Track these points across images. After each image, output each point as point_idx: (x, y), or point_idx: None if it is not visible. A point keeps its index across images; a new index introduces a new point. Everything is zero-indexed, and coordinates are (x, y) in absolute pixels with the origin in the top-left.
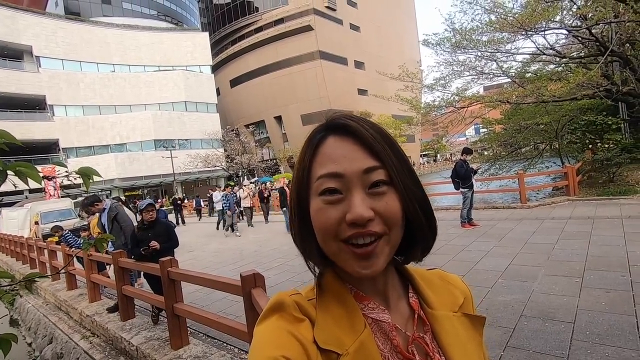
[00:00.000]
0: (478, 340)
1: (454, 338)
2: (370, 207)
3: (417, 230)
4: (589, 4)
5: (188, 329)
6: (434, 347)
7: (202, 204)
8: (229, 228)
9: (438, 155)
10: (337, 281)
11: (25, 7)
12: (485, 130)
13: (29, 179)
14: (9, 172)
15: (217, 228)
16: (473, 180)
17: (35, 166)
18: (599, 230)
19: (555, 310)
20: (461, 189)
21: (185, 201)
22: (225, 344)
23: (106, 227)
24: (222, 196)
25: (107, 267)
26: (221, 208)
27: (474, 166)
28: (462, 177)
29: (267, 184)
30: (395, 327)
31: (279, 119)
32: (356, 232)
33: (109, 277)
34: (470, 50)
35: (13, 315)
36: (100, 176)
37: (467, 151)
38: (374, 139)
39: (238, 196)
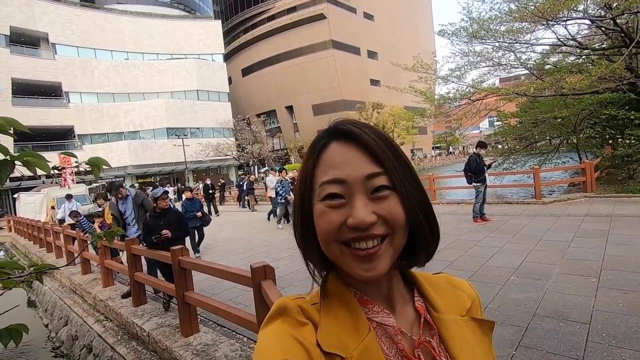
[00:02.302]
0: (487, 345)
1: (461, 342)
2: (373, 211)
3: (420, 235)
4: None
5: (198, 316)
6: (441, 352)
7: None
8: (281, 219)
9: (451, 148)
10: (341, 285)
11: None
12: (500, 123)
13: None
14: (16, 162)
15: (269, 219)
16: (486, 175)
17: (53, 153)
18: (617, 228)
19: (570, 310)
20: (474, 183)
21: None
22: (234, 333)
23: (130, 213)
24: (277, 182)
25: (120, 252)
26: (275, 195)
27: (488, 160)
28: (474, 171)
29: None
30: (400, 331)
31: (290, 108)
32: (358, 236)
33: (122, 262)
34: (487, 41)
35: (31, 297)
36: (109, 166)
37: (481, 145)
38: (377, 145)
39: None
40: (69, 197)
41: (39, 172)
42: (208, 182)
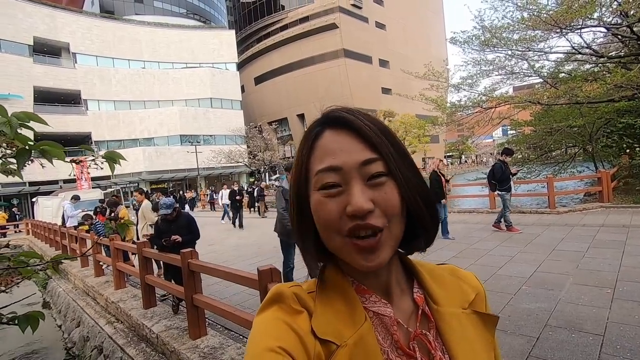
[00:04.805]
0: (489, 340)
1: (459, 336)
2: (370, 199)
3: (418, 220)
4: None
5: (206, 320)
6: (437, 345)
7: (214, 197)
8: None
9: (463, 157)
10: (338, 274)
11: (64, 5)
12: (514, 132)
13: (55, 159)
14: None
15: None
16: (511, 183)
17: (70, 157)
18: (634, 239)
19: (584, 321)
20: (497, 192)
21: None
22: (241, 337)
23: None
24: None
25: (133, 256)
26: None
27: (513, 168)
28: (499, 179)
29: None
30: (397, 322)
31: (301, 117)
32: (356, 225)
33: (134, 265)
34: (500, 49)
35: (45, 298)
36: (125, 159)
37: (507, 152)
38: (371, 131)
39: None
40: (76, 197)
41: (58, 176)
42: (235, 187)
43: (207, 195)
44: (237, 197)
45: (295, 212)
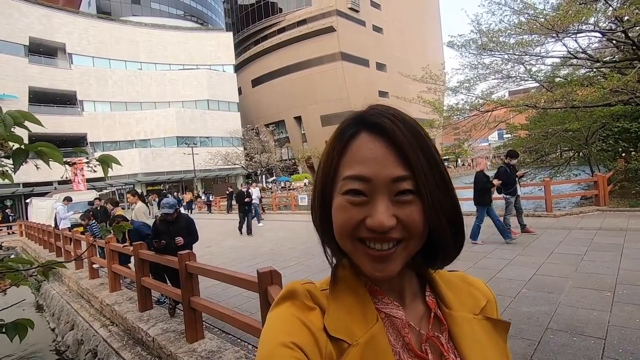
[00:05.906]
0: (501, 346)
1: (472, 340)
2: (393, 215)
3: (441, 240)
4: (626, 5)
5: (204, 323)
6: (449, 348)
7: (211, 198)
8: None
9: (459, 160)
10: (352, 274)
11: (61, 6)
12: (509, 135)
13: (52, 161)
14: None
15: None
16: (517, 186)
17: (65, 158)
18: (631, 242)
19: (584, 324)
20: (503, 195)
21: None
22: (239, 340)
23: None
24: None
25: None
26: None
27: (519, 171)
28: (504, 183)
29: None
30: (408, 324)
31: (298, 119)
32: (374, 237)
33: (130, 269)
34: (496, 53)
35: (39, 300)
36: (119, 164)
37: (512, 154)
38: (409, 144)
39: None
40: (68, 199)
41: (52, 177)
42: (243, 189)
43: (203, 197)
44: (247, 200)
45: (319, 207)
